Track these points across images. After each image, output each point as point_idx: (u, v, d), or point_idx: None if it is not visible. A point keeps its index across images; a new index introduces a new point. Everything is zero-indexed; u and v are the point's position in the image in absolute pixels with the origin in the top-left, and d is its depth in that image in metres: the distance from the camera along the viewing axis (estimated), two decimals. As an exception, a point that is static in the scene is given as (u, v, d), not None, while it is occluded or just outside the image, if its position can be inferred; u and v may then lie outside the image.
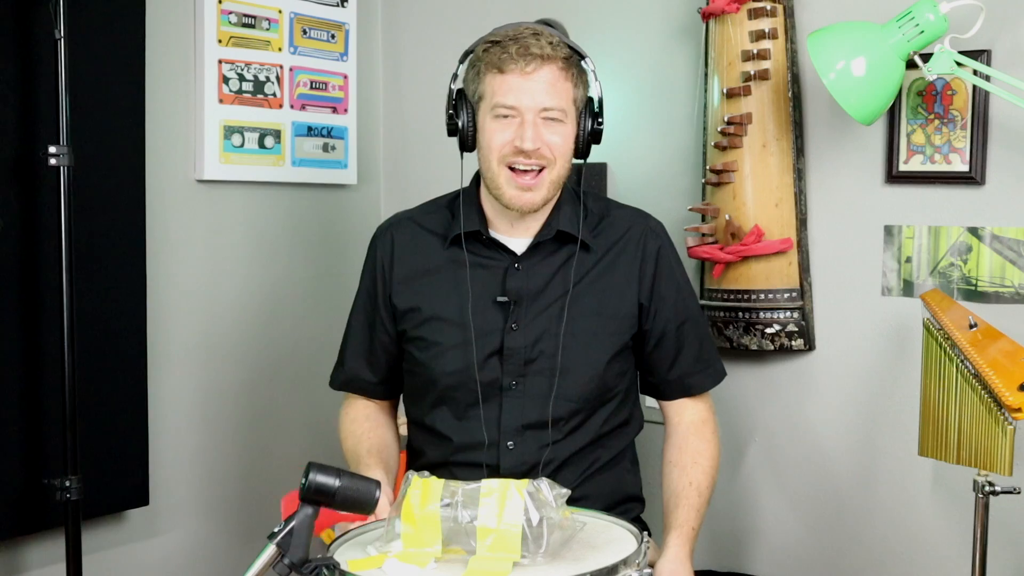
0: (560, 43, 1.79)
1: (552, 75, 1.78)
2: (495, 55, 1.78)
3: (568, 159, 1.84)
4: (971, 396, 1.79)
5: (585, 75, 1.85)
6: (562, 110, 1.79)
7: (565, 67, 1.79)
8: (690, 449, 1.92)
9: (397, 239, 1.97)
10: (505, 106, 1.78)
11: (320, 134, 2.80)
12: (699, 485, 1.88)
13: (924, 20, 1.96)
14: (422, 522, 1.47)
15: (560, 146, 1.80)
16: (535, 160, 1.79)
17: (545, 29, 1.81)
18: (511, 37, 1.78)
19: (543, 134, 1.78)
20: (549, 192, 1.83)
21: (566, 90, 1.80)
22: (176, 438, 2.54)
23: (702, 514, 1.87)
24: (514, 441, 1.86)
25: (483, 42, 1.81)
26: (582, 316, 1.86)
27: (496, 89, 1.79)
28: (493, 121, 1.80)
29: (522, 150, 1.77)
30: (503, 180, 1.81)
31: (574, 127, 1.84)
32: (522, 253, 1.89)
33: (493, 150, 1.80)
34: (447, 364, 1.87)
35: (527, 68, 1.76)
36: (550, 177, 1.81)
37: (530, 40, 1.77)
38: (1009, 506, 2.03)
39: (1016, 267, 2.13)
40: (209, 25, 2.52)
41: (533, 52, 1.76)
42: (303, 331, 2.79)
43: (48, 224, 2.14)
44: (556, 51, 1.78)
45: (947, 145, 2.18)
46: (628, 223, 1.94)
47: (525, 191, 1.80)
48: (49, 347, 2.17)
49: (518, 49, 1.76)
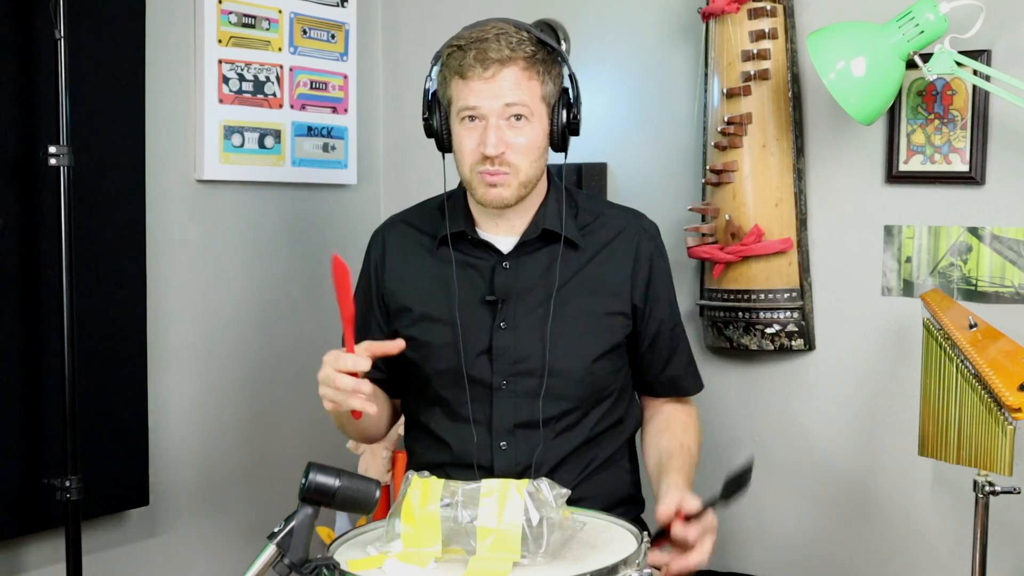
0: (523, 41, 1.77)
1: (514, 76, 1.76)
2: (456, 60, 1.77)
3: (537, 158, 1.83)
4: (971, 396, 1.79)
5: (556, 67, 1.83)
6: (527, 107, 1.78)
7: (528, 65, 1.77)
8: (679, 420, 1.96)
9: (388, 241, 1.98)
10: (469, 111, 1.78)
11: (320, 134, 2.80)
12: (690, 447, 1.90)
13: (924, 20, 1.96)
14: (422, 522, 1.47)
15: (524, 145, 1.79)
16: (499, 167, 1.79)
17: (511, 26, 1.79)
18: (473, 39, 1.77)
19: (507, 136, 1.78)
20: (519, 191, 1.82)
21: (531, 88, 1.78)
22: (176, 438, 2.54)
23: (693, 474, 1.88)
24: (507, 441, 1.86)
25: (448, 45, 1.81)
26: (572, 315, 1.86)
27: (460, 96, 1.79)
28: (460, 126, 1.81)
29: (486, 156, 1.78)
30: (476, 183, 1.82)
31: (544, 124, 1.82)
32: (509, 252, 1.89)
33: (464, 155, 1.81)
34: (437, 363, 1.88)
35: (486, 73, 1.75)
36: (518, 180, 1.81)
37: (491, 44, 1.75)
38: (1009, 506, 2.03)
39: (1016, 267, 2.13)
40: (209, 25, 2.52)
41: (491, 56, 1.74)
42: (303, 331, 2.79)
43: (48, 224, 2.14)
44: (516, 52, 1.76)
45: (947, 145, 2.18)
46: (622, 223, 1.94)
47: (491, 187, 1.81)
48: (49, 347, 2.17)
49: (476, 54, 1.75)
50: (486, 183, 1.80)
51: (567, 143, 1.86)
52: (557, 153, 1.88)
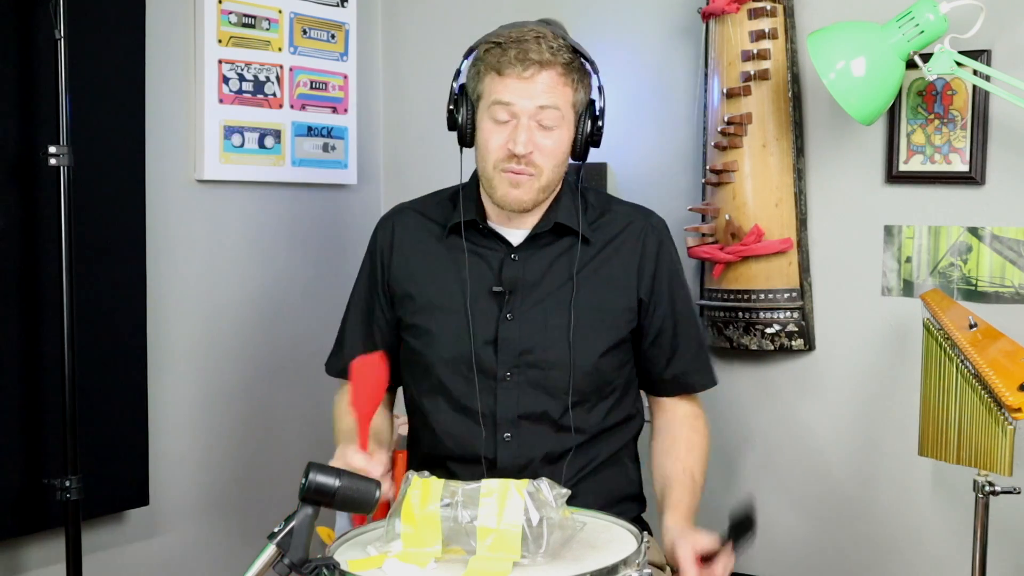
0: (562, 47, 1.79)
1: (551, 80, 1.78)
2: (495, 57, 1.79)
3: (560, 163, 1.85)
4: (971, 396, 1.79)
5: (588, 78, 1.86)
6: (558, 111, 1.80)
7: (565, 72, 1.80)
8: (684, 438, 1.93)
9: (398, 227, 1.99)
10: (502, 108, 1.79)
11: (320, 134, 2.80)
12: (693, 471, 1.89)
13: (924, 20, 1.96)
14: (422, 522, 1.47)
15: (551, 149, 1.81)
16: (525, 166, 1.80)
17: (549, 31, 1.81)
18: (513, 39, 1.78)
19: (536, 138, 1.79)
20: (539, 195, 1.84)
21: (564, 94, 1.81)
22: (176, 438, 2.54)
23: (698, 499, 1.88)
24: (511, 433, 1.86)
25: (486, 42, 1.82)
26: (578, 309, 1.87)
27: (494, 91, 1.80)
28: (490, 122, 1.82)
29: (514, 153, 1.79)
30: (497, 181, 1.83)
31: (570, 131, 1.84)
32: (519, 244, 1.89)
33: (489, 152, 1.82)
34: (442, 351, 1.88)
35: (525, 73, 1.77)
36: (539, 183, 1.83)
37: (531, 44, 1.77)
38: (1009, 506, 2.03)
39: (1016, 267, 2.14)
40: (209, 25, 2.52)
41: (532, 58, 1.76)
42: (303, 331, 2.79)
43: (48, 224, 2.14)
44: (556, 56, 1.78)
45: (947, 145, 2.18)
46: (629, 218, 1.95)
47: (514, 187, 1.82)
48: (49, 347, 2.17)
49: (517, 53, 1.77)
50: (508, 181, 1.81)
51: (587, 153, 1.88)
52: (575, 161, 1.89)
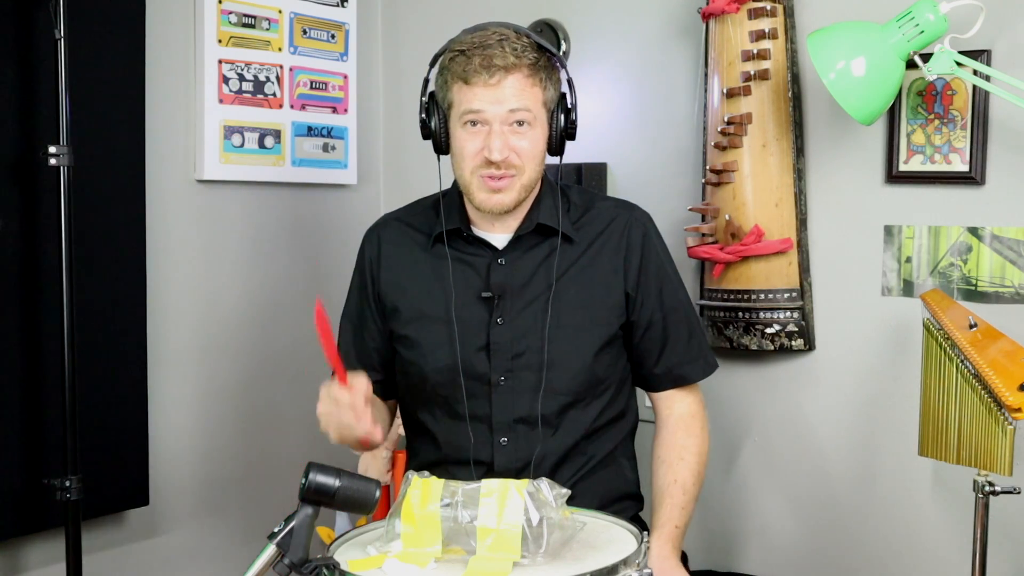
0: (526, 47, 1.78)
1: (518, 83, 1.78)
2: (460, 66, 1.78)
3: (539, 161, 1.85)
4: (971, 396, 1.79)
5: (556, 73, 1.85)
6: (530, 112, 1.79)
7: (531, 72, 1.79)
8: (677, 445, 1.93)
9: (384, 239, 1.99)
10: (472, 115, 1.79)
11: (320, 134, 2.80)
12: (684, 482, 1.89)
13: (924, 20, 1.96)
14: (422, 522, 1.47)
15: (528, 150, 1.81)
16: (504, 170, 1.80)
17: (511, 31, 1.80)
18: (476, 45, 1.77)
19: (510, 141, 1.79)
20: (520, 195, 1.84)
21: (534, 95, 1.80)
22: (176, 438, 2.54)
23: (688, 511, 1.89)
24: (507, 437, 1.86)
25: (449, 49, 1.81)
26: (568, 308, 1.87)
27: (463, 100, 1.79)
28: (462, 130, 1.81)
29: (491, 160, 1.78)
30: (475, 187, 1.83)
31: (545, 128, 1.84)
32: (503, 248, 1.90)
33: (465, 159, 1.82)
34: (435, 361, 1.88)
35: (491, 80, 1.76)
36: (521, 182, 1.83)
37: (495, 49, 1.76)
38: (1009, 506, 2.03)
39: (1016, 267, 2.13)
40: (209, 25, 2.52)
41: (496, 63, 1.76)
42: (303, 331, 2.79)
43: (48, 224, 2.14)
44: (521, 58, 1.77)
45: (947, 145, 2.18)
46: (612, 214, 1.95)
47: (495, 192, 1.82)
48: (49, 347, 2.17)
49: (482, 60, 1.76)
50: (488, 188, 1.81)
51: (564, 147, 1.88)
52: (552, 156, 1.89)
